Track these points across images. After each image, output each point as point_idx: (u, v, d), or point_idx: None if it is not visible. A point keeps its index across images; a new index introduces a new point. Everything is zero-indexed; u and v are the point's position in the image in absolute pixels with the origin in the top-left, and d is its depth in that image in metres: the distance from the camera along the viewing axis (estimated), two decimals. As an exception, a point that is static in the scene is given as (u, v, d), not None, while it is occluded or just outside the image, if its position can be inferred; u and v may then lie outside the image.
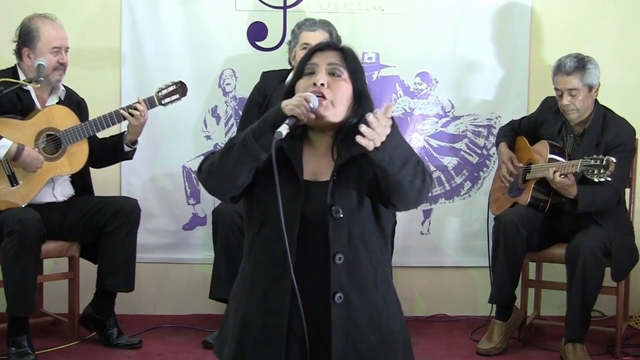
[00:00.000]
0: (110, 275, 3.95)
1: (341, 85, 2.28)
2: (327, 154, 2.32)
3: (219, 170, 2.22)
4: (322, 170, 2.29)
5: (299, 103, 2.19)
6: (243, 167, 2.20)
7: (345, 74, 2.30)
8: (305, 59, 2.34)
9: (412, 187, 2.19)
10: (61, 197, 3.96)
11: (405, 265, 4.57)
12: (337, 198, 2.23)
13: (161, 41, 4.53)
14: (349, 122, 2.29)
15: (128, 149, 4.03)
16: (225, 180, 2.23)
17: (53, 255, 3.99)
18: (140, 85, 4.46)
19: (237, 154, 2.19)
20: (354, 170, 2.27)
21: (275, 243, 2.17)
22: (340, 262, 2.21)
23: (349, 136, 2.24)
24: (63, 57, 3.87)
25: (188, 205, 4.64)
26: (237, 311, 2.31)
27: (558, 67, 3.96)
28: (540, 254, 4.12)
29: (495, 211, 4.29)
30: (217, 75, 4.58)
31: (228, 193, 2.27)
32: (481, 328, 4.31)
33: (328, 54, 2.32)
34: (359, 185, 2.25)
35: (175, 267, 4.64)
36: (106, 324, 4.01)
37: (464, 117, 4.67)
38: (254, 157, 2.18)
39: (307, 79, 2.30)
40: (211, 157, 2.28)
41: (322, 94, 2.24)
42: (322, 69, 2.29)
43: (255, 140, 2.17)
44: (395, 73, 4.62)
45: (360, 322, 2.24)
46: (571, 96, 3.93)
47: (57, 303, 4.24)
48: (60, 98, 3.98)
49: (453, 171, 4.70)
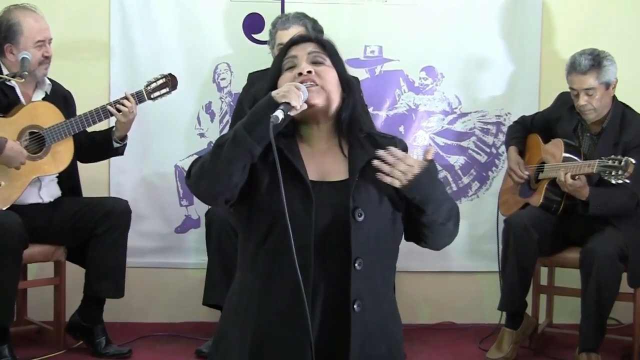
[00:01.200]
0: (99, 281, 3.95)
1: (327, 70, 2.27)
2: (330, 150, 2.30)
3: (210, 170, 2.16)
4: (330, 169, 2.27)
5: (289, 89, 2.15)
6: (237, 164, 2.13)
7: (328, 60, 2.29)
8: (282, 55, 2.32)
9: (445, 229, 2.26)
10: (47, 198, 3.96)
11: (409, 270, 4.55)
12: (358, 200, 2.20)
13: (152, 33, 4.53)
14: (344, 116, 2.28)
15: (117, 145, 4.02)
16: (217, 181, 2.16)
17: (38, 259, 3.98)
18: (130, 79, 4.44)
19: (228, 151, 2.12)
20: (369, 169, 2.23)
21: (288, 251, 2.09)
22: (360, 268, 2.18)
23: (352, 130, 2.27)
24: (48, 50, 3.87)
25: (181, 206, 4.63)
26: (245, 327, 2.23)
27: (572, 66, 3.94)
28: (553, 259, 4.11)
29: (505, 212, 4.29)
30: (212, 70, 4.58)
31: (222, 195, 2.19)
32: (490, 337, 4.30)
33: (305, 45, 2.32)
34: (376, 185, 2.22)
35: (167, 272, 4.64)
36: (94, 332, 4.00)
37: (472, 114, 4.67)
38: (247, 151, 2.12)
39: (289, 73, 2.27)
40: (200, 160, 2.21)
41: (311, 81, 2.22)
42: (304, 59, 2.27)
43: (247, 133, 2.12)
44: (399, 67, 4.62)
45: (374, 332, 2.23)
46: (588, 96, 3.91)
47: (42, 310, 4.22)
48: (46, 92, 3.98)
49: (460, 171, 4.70)
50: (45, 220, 3.91)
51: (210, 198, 2.26)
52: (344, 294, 2.17)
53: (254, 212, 2.22)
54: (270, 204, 2.16)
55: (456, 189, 4.69)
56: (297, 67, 2.27)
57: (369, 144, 2.29)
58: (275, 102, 2.13)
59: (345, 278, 2.17)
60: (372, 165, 2.19)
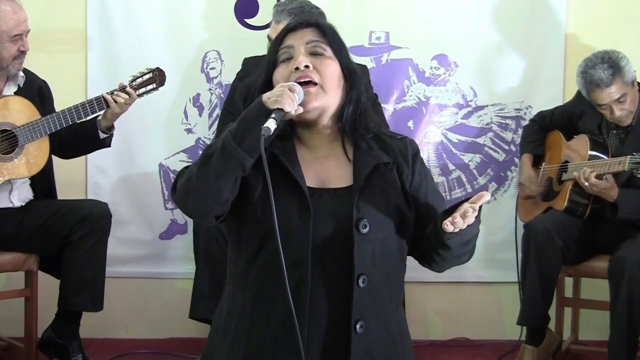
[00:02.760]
0: (75, 292, 3.92)
1: (327, 63, 2.24)
2: (333, 153, 2.28)
3: (197, 185, 2.13)
4: (330, 174, 2.25)
5: (282, 93, 2.11)
6: (227, 179, 2.11)
7: (329, 50, 2.26)
8: (278, 44, 2.28)
9: (459, 261, 2.31)
10: (18, 202, 3.94)
11: (420, 280, 4.51)
12: (363, 209, 2.18)
13: (133, 18, 4.53)
14: (347, 114, 2.27)
15: (105, 136, 3.99)
16: (206, 197, 2.13)
17: (7, 269, 3.96)
18: (109, 70, 4.48)
19: (217, 164, 2.10)
20: (376, 177, 2.23)
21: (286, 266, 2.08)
22: (364, 285, 2.17)
23: (356, 130, 2.26)
24: (25, 44, 3.85)
25: (166, 210, 4.64)
26: (234, 351, 2.22)
27: (592, 84, 3.89)
28: (579, 268, 4.10)
29: (524, 217, 4.30)
30: (200, 58, 4.58)
31: (212, 211, 2.17)
32: (509, 354, 4.31)
33: (302, 32, 2.28)
34: (383, 195, 2.23)
35: (151, 282, 4.65)
36: (69, 349, 3.97)
37: (489, 108, 4.67)
38: (237, 164, 2.10)
39: (285, 67, 2.25)
40: (186, 172, 2.18)
41: (309, 78, 2.20)
42: (301, 50, 2.24)
43: (237, 144, 2.08)
44: (408, 55, 4.62)
45: (378, 356, 2.23)
46: (620, 103, 3.90)
47: (11, 325, 4.22)
48: (19, 85, 3.96)
49: (476, 170, 4.69)
50: (15, 226, 3.90)
51: (199, 215, 2.25)
52: (346, 313, 2.16)
53: (245, 224, 2.21)
54: (263, 216, 2.14)
55: (471, 190, 4.69)
56: (293, 60, 2.23)
57: (376, 145, 2.29)
58: (267, 108, 2.09)
59: (347, 296, 2.16)
60: (379, 171, 2.22)
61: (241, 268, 2.24)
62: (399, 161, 2.30)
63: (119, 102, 3.85)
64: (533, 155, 4.28)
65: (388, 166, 2.27)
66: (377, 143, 2.29)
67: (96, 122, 3.97)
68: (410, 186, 2.31)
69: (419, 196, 2.31)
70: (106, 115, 3.92)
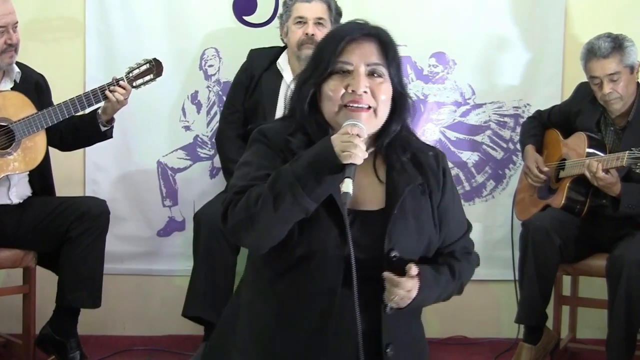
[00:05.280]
0: (73, 289, 3.92)
1: (383, 89, 2.21)
2: (364, 171, 2.23)
3: (262, 227, 2.12)
4: (363, 195, 2.22)
5: (356, 145, 2.06)
6: (290, 224, 2.12)
7: (386, 73, 2.22)
8: (334, 52, 2.20)
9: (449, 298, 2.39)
10: (17, 199, 3.94)
11: None
12: (395, 238, 2.19)
13: (132, 13, 4.52)
14: (392, 130, 2.25)
15: (105, 129, 4.00)
16: (270, 237, 2.14)
17: (5, 265, 3.96)
18: (107, 63, 4.47)
19: (284, 210, 2.08)
20: (409, 200, 2.23)
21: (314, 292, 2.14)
22: (392, 312, 2.20)
23: (395, 148, 2.25)
24: (11, 37, 3.81)
25: (164, 207, 4.63)
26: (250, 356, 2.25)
27: (591, 52, 3.93)
28: (577, 266, 4.10)
29: (520, 215, 4.31)
30: (198, 56, 4.57)
31: (268, 247, 2.17)
32: (506, 352, 4.31)
33: (365, 47, 2.22)
34: (415, 220, 2.24)
35: (149, 279, 4.65)
36: (67, 346, 3.96)
37: (487, 105, 4.67)
38: (303, 210, 2.10)
39: (340, 80, 2.19)
40: (241, 205, 2.14)
41: (365, 104, 2.17)
42: (361, 71, 2.19)
43: (306, 194, 2.07)
44: (406, 53, 4.57)
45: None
46: (612, 82, 3.91)
47: (9, 322, 4.22)
48: (15, 81, 3.95)
49: (474, 168, 4.69)
50: (14, 222, 3.89)
51: (255, 249, 2.26)
52: (375, 338, 2.18)
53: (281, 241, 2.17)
54: (301, 239, 2.14)
55: (469, 188, 4.69)
56: (351, 79, 2.18)
57: (410, 164, 2.27)
58: (339, 162, 2.06)
59: (376, 321, 2.19)
60: (413, 193, 2.22)
61: (266, 279, 2.24)
62: (431, 182, 2.30)
63: (117, 98, 3.85)
64: (535, 147, 4.27)
65: (421, 187, 2.27)
66: (411, 161, 2.28)
67: (96, 115, 3.97)
68: (439, 207, 2.31)
69: (443, 220, 2.32)
70: (106, 110, 3.93)
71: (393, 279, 2.14)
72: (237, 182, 2.20)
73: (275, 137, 2.25)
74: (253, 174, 2.18)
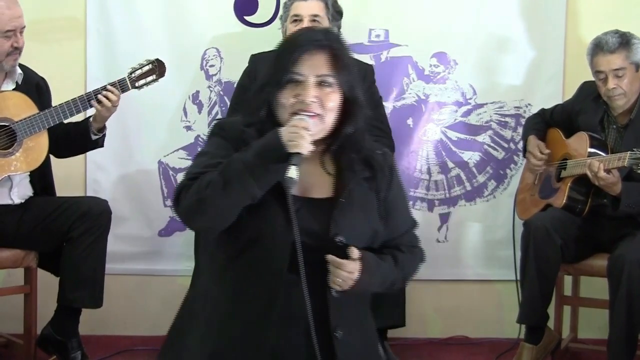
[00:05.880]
0: (74, 289, 3.92)
1: (331, 97, 2.32)
2: (312, 163, 2.36)
3: (212, 211, 2.25)
4: (312, 184, 2.35)
5: (302, 136, 2.20)
6: (239, 207, 2.24)
7: (336, 83, 2.33)
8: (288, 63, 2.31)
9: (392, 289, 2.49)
10: (18, 199, 3.94)
11: (419, 278, 4.43)
12: (341, 224, 2.31)
13: (133, 14, 4.53)
14: (343, 132, 2.35)
15: (96, 137, 3.99)
16: (220, 221, 2.27)
17: (6, 265, 3.97)
18: (108, 63, 4.47)
19: (234, 195, 2.21)
20: (356, 192, 2.35)
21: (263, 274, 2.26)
22: (338, 295, 2.30)
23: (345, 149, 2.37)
24: (18, 41, 3.82)
25: (165, 207, 4.63)
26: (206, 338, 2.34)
27: (597, 46, 3.95)
28: (578, 266, 4.09)
29: (522, 214, 4.30)
30: (199, 56, 4.57)
31: (217, 230, 2.31)
32: (508, 352, 4.31)
33: (316, 59, 2.32)
34: (362, 211, 2.36)
35: (150, 279, 4.65)
36: (68, 346, 3.97)
37: (488, 105, 4.67)
38: (251, 196, 2.22)
39: (293, 90, 2.31)
40: (193, 189, 2.26)
41: (312, 112, 2.28)
42: (310, 82, 2.30)
43: (254, 180, 2.20)
44: (407, 53, 4.62)
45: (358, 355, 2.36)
46: (617, 78, 3.91)
47: (10, 322, 4.22)
48: (17, 82, 3.95)
49: (475, 168, 4.69)
50: (15, 222, 3.89)
51: (207, 232, 2.43)
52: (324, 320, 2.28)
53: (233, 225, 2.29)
54: (249, 222, 2.26)
55: (470, 188, 4.69)
56: (301, 88, 2.29)
57: (360, 162, 2.39)
58: (286, 151, 2.19)
59: (324, 304, 2.29)
60: (360, 186, 2.36)
61: (220, 264, 2.36)
62: (378, 177, 2.41)
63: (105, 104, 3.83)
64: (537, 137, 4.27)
65: (368, 182, 2.39)
66: (361, 160, 2.39)
67: (88, 123, 3.97)
68: (385, 201, 2.42)
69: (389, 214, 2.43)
70: (96, 118, 3.93)
71: (335, 261, 2.25)
72: (192, 169, 2.33)
73: (231, 129, 2.38)
74: (206, 162, 2.30)
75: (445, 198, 4.67)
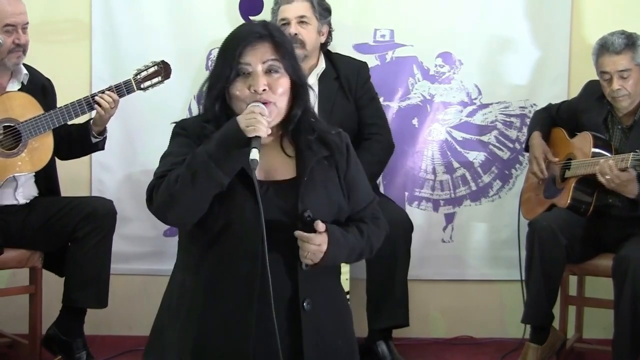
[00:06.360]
0: (79, 289, 3.93)
1: (281, 82, 2.42)
2: (274, 147, 2.48)
3: (180, 203, 2.33)
4: (274, 167, 2.46)
5: (258, 120, 2.29)
6: (208, 197, 2.32)
7: (282, 67, 2.43)
8: (233, 56, 2.40)
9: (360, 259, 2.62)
10: (23, 200, 3.95)
11: (423, 278, 4.58)
12: (307, 201, 2.40)
13: (138, 14, 4.54)
14: (294, 114, 2.45)
15: (96, 140, 3.99)
16: (190, 213, 2.36)
17: (11, 266, 3.97)
18: (114, 65, 4.49)
19: (201, 186, 2.30)
20: (317, 171, 2.46)
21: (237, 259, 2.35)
22: (308, 269, 2.40)
23: (300, 130, 2.47)
24: (20, 37, 3.83)
25: (170, 207, 4.59)
26: (186, 329, 2.41)
27: (603, 47, 3.94)
28: (583, 266, 4.09)
29: (527, 214, 4.30)
30: (204, 56, 4.58)
31: (192, 222, 2.38)
32: (513, 352, 4.30)
33: (259, 48, 2.42)
34: (324, 188, 2.46)
35: (155, 279, 4.57)
36: (73, 346, 3.98)
37: (493, 105, 4.67)
38: (219, 185, 2.31)
39: (243, 82, 2.40)
40: (163, 187, 2.35)
41: (266, 101, 2.37)
42: (259, 71, 2.40)
43: (219, 168, 2.29)
44: (412, 53, 4.62)
45: (329, 327, 2.46)
46: (622, 79, 3.91)
47: (15, 322, 4.23)
48: (22, 83, 3.96)
49: (480, 168, 4.69)
50: (20, 222, 3.90)
51: (180, 226, 2.54)
52: (292, 293, 2.39)
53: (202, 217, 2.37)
54: (221, 211, 2.35)
55: (475, 188, 4.68)
56: (251, 79, 2.39)
57: (317, 142, 2.49)
58: (245, 136, 2.28)
59: (294, 279, 2.40)
60: (321, 165, 2.46)
61: (194, 256, 2.44)
62: (336, 155, 2.51)
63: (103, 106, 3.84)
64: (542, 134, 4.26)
65: (328, 160, 2.49)
66: (317, 140, 2.48)
67: (89, 126, 3.97)
68: (345, 178, 2.52)
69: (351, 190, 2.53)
70: (96, 122, 3.94)
71: (303, 235, 2.34)
72: (159, 169, 2.43)
73: (192, 127, 2.49)
74: (172, 161, 2.40)
75: (450, 198, 4.67)
